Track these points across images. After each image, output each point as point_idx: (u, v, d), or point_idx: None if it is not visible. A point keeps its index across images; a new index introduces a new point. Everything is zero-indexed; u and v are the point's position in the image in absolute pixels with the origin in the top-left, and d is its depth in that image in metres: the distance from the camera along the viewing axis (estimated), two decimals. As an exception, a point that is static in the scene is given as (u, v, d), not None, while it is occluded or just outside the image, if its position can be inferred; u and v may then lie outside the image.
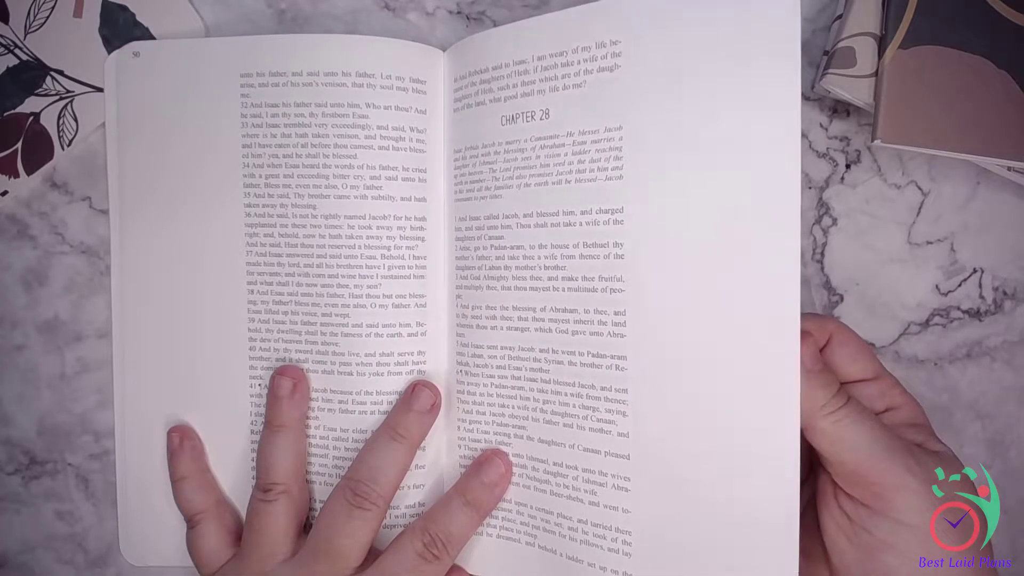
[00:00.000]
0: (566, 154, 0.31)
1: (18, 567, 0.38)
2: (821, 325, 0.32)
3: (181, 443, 0.36)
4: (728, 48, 0.28)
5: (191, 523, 0.35)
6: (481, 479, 0.34)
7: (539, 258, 0.32)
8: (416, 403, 0.34)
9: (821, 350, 0.32)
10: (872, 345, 0.37)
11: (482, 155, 0.34)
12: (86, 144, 0.37)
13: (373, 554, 0.33)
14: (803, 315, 0.28)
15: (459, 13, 0.37)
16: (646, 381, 0.30)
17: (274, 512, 0.34)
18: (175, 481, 0.36)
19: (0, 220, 0.38)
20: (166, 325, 0.36)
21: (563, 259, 0.32)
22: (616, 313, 0.31)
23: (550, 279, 0.32)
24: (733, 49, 0.28)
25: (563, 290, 0.32)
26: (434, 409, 0.34)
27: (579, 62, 0.31)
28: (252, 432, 0.36)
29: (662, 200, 0.30)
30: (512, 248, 0.33)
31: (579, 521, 0.32)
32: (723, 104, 0.29)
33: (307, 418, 0.35)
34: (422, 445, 0.35)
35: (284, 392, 0.34)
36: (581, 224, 0.31)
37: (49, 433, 0.38)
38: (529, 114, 0.32)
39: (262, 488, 0.34)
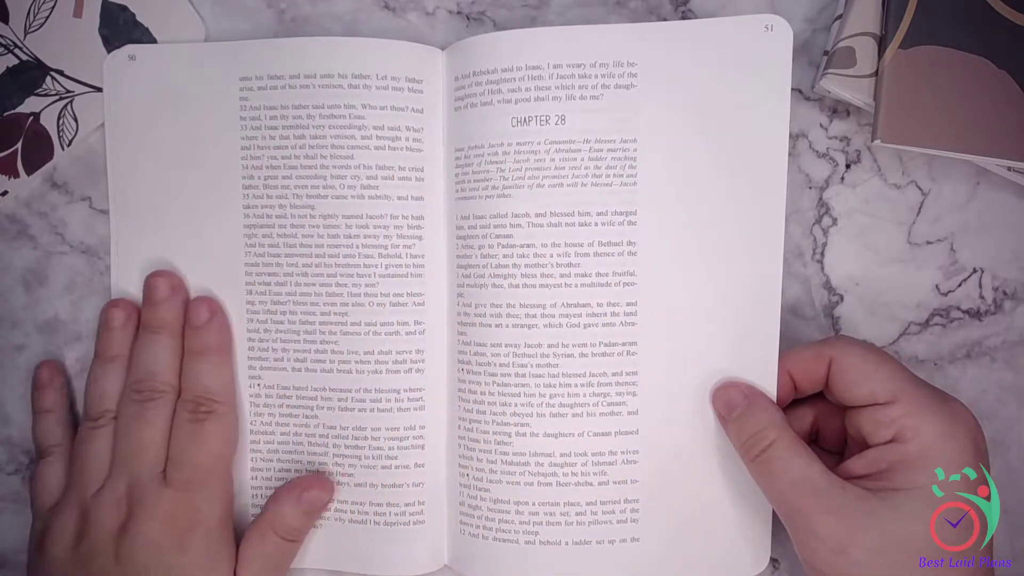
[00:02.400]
0: (582, 159, 0.33)
1: (18, 567, 0.38)
2: (818, 353, 0.32)
3: (51, 379, 0.36)
4: (731, 74, 0.33)
5: (43, 453, 0.36)
6: (194, 326, 0.35)
7: (551, 256, 0.34)
8: (156, 294, 0.35)
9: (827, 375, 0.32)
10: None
11: (488, 154, 0.34)
12: (86, 144, 0.37)
13: None
14: (806, 344, 0.33)
15: (459, 13, 0.37)
16: (655, 361, 0.34)
17: (98, 437, 0.34)
18: (38, 413, 0.36)
19: (0, 220, 0.38)
20: None
21: (577, 257, 0.33)
22: (628, 304, 0.34)
23: (562, 276, 0.34)
24: (735, 76, 0.33)
25: (576, 286, 0.34)
26: (174, 294, 0.35)
27: (597, 76, 0.33)
28: (251, 432, 0.36)
29: (672, 203, 0.33)
30: (522, 247, 0.34)
31: (588, 504, 0.34)
32: (725, 123, 0.33)
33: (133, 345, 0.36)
34: (421, 444, 0.35)
35: (116, 323, 0.35)
36: (597, 224, 0.33)
37: (49, 433, 0.38)
38: (543, 118, 0.33)
39: (91, 417, 0.35)
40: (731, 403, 0.33)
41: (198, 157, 0.36)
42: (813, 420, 0.34)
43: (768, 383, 0.33)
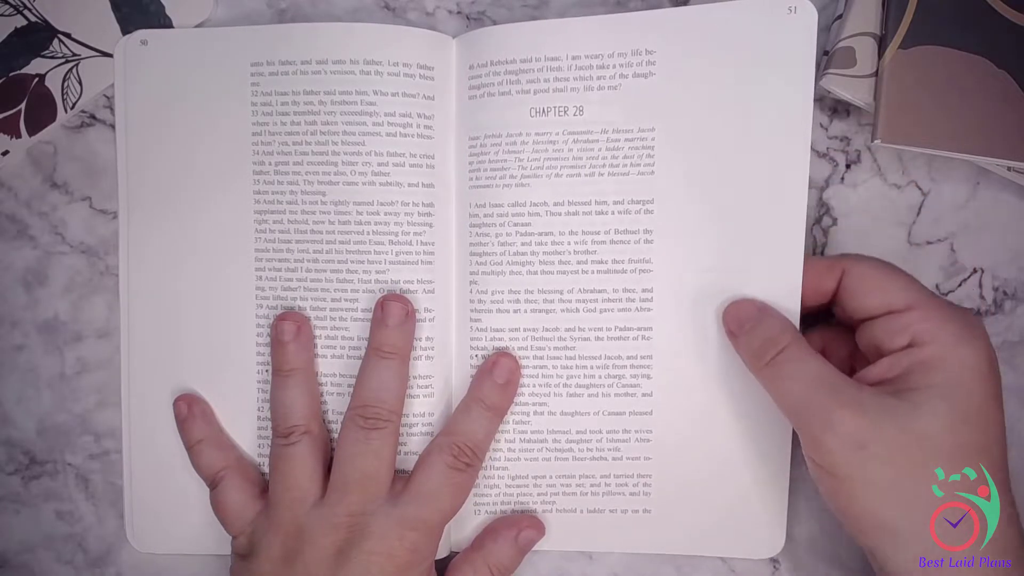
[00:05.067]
0: (600, 149, 0.34)
1: (18, 567, 0.38)
2: (831, 265, 0.32)
3: (190, 409, 0.35)
4: (753, 59, 0.33)
5: (213, 483, 0.35)
6: (494, 380, 0.34)
7: (568, 243, 0.34)
8: (390, 319, 0.34)
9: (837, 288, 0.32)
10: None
11: (506, 144, 0.34)
12: (87, 144, 0.37)
13: (401, 478, 0.34)
14: (818, 256, 0.34)
15: (459, 13, 0.37)
16: (669, 345, 0.34)
17: (298, 454, 0.33)
18: (191, 447, 0.35)
19: (0, 220, 0.38)
20: (174, 310, 0.36)
21: (594, 244, 0.34)
22: (644, 291, 0.34)
23: (579, 263, 0.34)
24: (757, 61, 0.33)
25: (592, 272, 0.34)
26: (409, 317, 0.34)
27: (615, 66, 0.34)
28: (259, 419, 0.36)
29: (690, 192, 0.34)
30: (540, 235, 0.34)
31: (602, 477, 0.35)
32: (744, 111, 0.33)
33: (314, 359, 0.35)
34: (431, 431, 0.35)
35: (288, 336, 0.34)
36: (613, 213, 0.34)
37: (49, 433, 0.38)
38: (562, 108, 0.34)
39: (282, 434, 0.34)
40: (742, 317, 0.32)
41: (208, 142, 0.36)
42: (821, 349, 0.34)
43: None
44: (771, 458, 0.34)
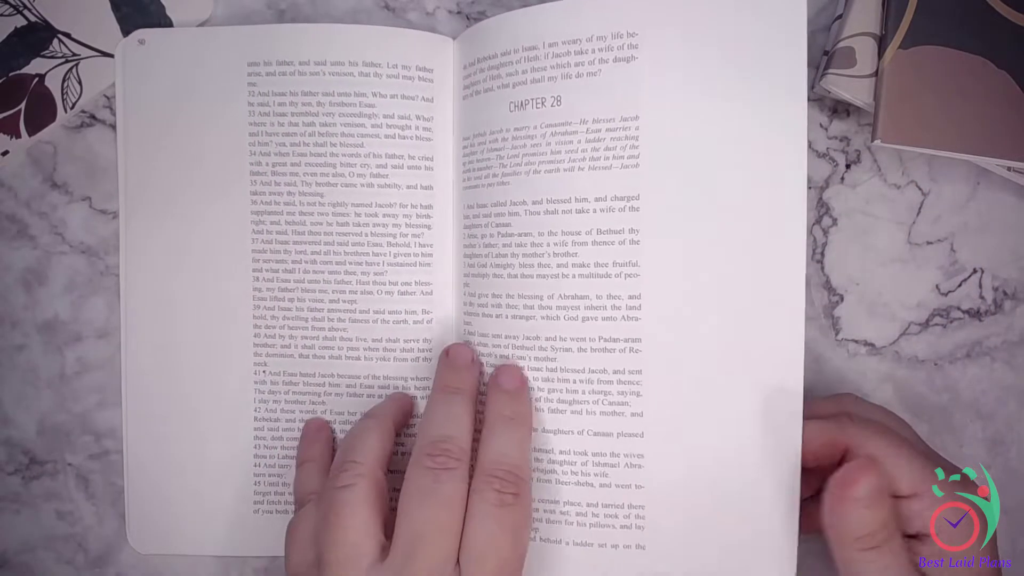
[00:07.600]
0: (579, 141, 0.32)
1: (18, 567, 0.38)
2: (832, 441, 0.30)
3: (318, 432, 0.35)
4: (740, 44, 0.30)
5: (301, 503, 0.32)
6: (505, 391, 0.32)
7: (548, 245, 0.32)
8: (458, 360, 0.33)
9: (840, 458, 0.30)
10: (872, 346, 0.37)
11: (490, 142, 0.33)
12: (87, 144, 0.37)
13: None
14: (816, 422, 0.30)
15: (459, 13, 0.37)
16: (661, 361, 0.31)
17: (354, 500, 0.29)
18: (301, 464, 0.34)
19: (0, 220, 0.38)
20: (173, 310, 0.36)
21: (575, 246, 0.32)
22: (631, 297, 0.31)
23: (559, 266, 0.32)
24: (745, 45, 0.30)
25: (573, 277, 0.32)
26: (474, 364, 0.33)
27: (594, 51, 0.31)
28: (255, 419, 0.36)
29: (678, 186, 0.31)
30: (519, 235, 0.32)
31: (588, 505, 0.32)
32: (735, 97, 0.30)
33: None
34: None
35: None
36: (595, 211, 0.31)
37: (49, 433, 0.38)
38: (539, 100, 0.32)
39: (339, 470, 0.30)
40: (872, 489, 0.28)
41: (207, 143, 0.36)
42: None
43: (792, 382, 0.30)
44: (780, 492, 0.31)
